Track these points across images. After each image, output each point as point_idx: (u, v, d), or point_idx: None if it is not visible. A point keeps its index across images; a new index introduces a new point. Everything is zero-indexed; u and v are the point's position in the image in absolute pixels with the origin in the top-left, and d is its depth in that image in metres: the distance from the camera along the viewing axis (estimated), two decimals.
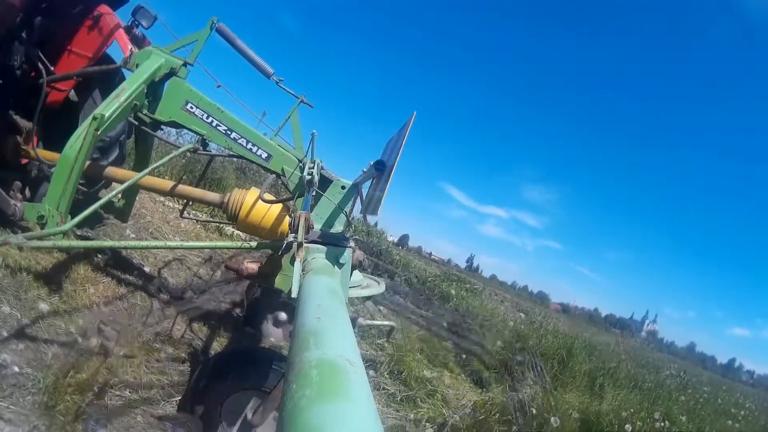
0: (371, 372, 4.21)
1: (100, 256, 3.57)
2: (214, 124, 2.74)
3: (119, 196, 3.18)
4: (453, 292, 9.44)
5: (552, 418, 3.95)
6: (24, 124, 2.96)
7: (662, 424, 4.69)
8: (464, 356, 5.67)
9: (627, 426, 4.21)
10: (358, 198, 1.91)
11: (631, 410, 4.71)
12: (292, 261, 1.32)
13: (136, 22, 3.49)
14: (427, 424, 3.69)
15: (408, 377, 4.32)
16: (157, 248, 3.94)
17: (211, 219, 4.83)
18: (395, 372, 4.37)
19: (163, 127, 2.93)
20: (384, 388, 4.05)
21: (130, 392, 2.43)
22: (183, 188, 2.89)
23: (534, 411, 4.16)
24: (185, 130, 2.87)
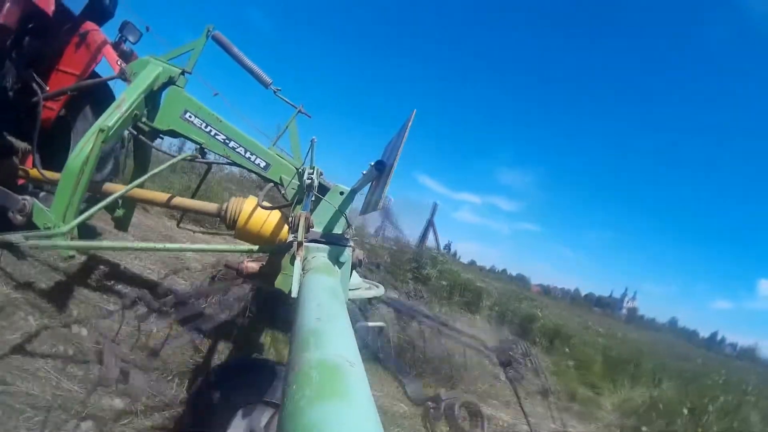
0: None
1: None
2: (212, 133, 2.74)
3: (118, 204, 3.15)
4: (539, 313, 9.87)
5: (684, 409, 5.60)
6: (19, 144, 2.95)
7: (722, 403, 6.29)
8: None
9: (710, 407, 5.94)
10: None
11: (707, 398, 6.23)
12: (292, 260, 1.31)
13: (124, 38, 3.52)
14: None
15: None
16: (157, 251, 3.91)
17: (207, 230, 4.81)
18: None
19: (162, 136, 2.93)
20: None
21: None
22: (180, 200, 2.88)
23: (662, 406, 5.61)
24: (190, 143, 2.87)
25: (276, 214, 2.67)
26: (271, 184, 2.80)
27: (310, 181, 1.83)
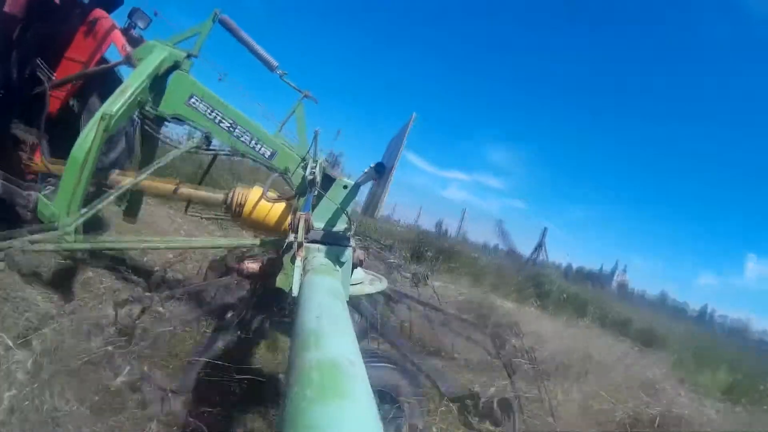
0: None
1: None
2: (217, 119, 2.73)
3: (127, 195, 3.17)
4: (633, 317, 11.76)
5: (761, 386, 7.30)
6: (28, 135, 2.94)
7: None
8: None
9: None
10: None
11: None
12: (293, 260, 1.32)
13: (133, 24, 3.50)
14: None
15: None
16: (161, 248, 3.95)
17: (215, 216, 4.85)
18: None
19: (167, 124, 2.93)
20: None
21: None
22: (185, 190, 2.89)
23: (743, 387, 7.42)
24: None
25: (281, 204, 2.68)
26: (276, 174, 2.81)
27: (312, 176, 1.84)
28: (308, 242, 1.60)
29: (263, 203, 2.66)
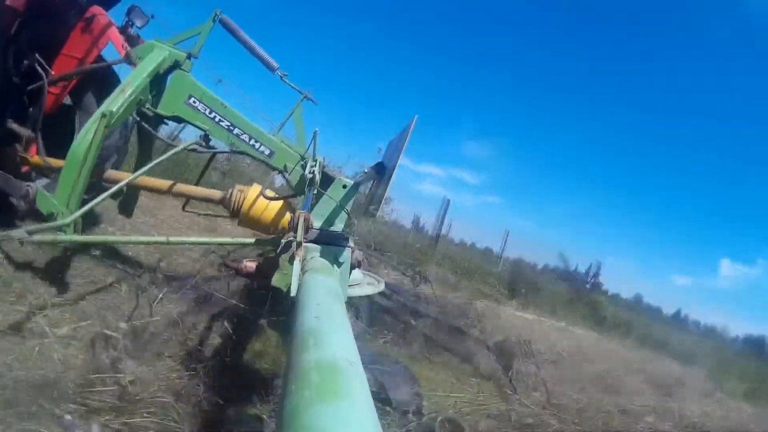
0: None
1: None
2: (216, 119, 2.73)
3: (123, 190, 3.16)
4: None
5: None
6: (23, 131, 2.93)
7: None
8: None
9: None
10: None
11: None
12: (291, 260, 1.32)
13: (130, 22, 3.50)
14: None
15: None
16: (158, 243, 3.94)
17: (212, 213, 4.85)
18: None
19: (166, 122, 2.92)
20: None
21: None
22: (184, 187, 2.89)
23: None
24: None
25: (279, 202, 2.69)
26: (276, 172, 2.81)
27: (311, 175, 1.84)
28: (307, 242, 1.60)
29: (261, 201, 2.67)
